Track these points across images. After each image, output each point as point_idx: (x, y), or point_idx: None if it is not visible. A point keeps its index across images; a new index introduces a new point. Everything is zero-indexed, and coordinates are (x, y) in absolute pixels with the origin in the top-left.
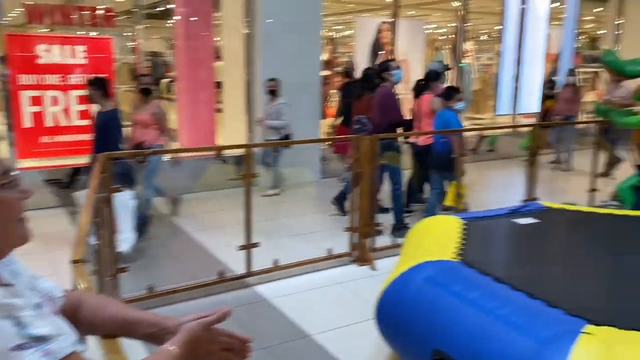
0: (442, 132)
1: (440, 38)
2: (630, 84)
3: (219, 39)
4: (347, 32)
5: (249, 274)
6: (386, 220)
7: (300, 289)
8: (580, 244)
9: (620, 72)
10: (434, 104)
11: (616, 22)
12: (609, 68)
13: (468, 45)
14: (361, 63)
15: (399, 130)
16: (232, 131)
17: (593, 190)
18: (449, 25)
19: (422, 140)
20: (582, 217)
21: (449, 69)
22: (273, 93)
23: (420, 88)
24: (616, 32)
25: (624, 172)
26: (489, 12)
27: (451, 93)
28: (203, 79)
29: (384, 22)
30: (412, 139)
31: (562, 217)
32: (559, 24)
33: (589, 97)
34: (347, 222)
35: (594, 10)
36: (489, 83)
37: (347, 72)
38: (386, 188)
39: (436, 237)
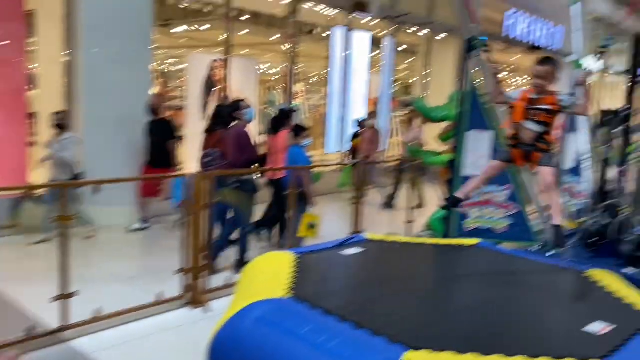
0: (293, 167)
1: (272, 78)
2: (420, 128)
3: (35, 66)
4: (180, 67)
5: (65, 327)
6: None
7: (126, 340)
8: (399, 272)
9: (428, 117)
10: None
11: (424, 72)
12: (419, 113)
13: (299, 87)
14: (194, 98)
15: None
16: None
17: (410, 222)
18: (280, 66)
19: (276, 174)
20: (400, 246)
21: (296, 110)
22: (61, 127)
23: (274, 126)
24: (424, 80)
25: (435, 205)
26: (317, 56)
27: (299, 131)
28: (13, 109)
29: (216, 60)
30: (267, 174)
31: (383, 247)
32: (378, 71)
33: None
34: (184, 263)
35: (407, 61)
36: (319, 122)
37: (153, 110)
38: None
39: (269, 275)
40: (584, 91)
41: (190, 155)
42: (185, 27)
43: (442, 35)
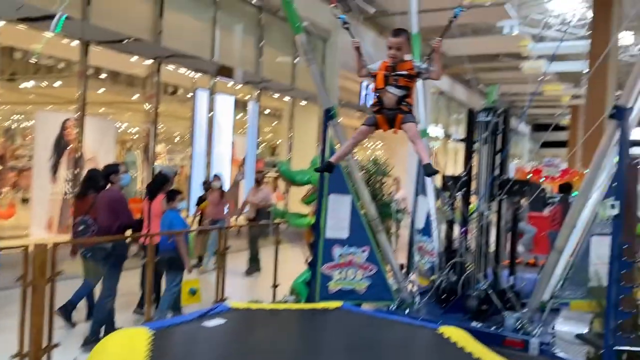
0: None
1: (133, 137)
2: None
3: None
4: (27, 124)
5: None
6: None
7: None
8: (263, 340)
9: (291, 181)
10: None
11: (289, 135)
12: (283, 177)
13: (160, 147)
14: (42, 158)
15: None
16: None
17: (275, 286)
18: (141, 125)
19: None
20: (265, 314)
21: (177, 173)
22: None
23: (152, 190)
24: (289, 142)
25: (300, 268)
26: (181, 116)
27: (173, 195)
28: None
29: (69, 118)
30: (143, 240)
31: (247, 316)
32: (243, 132)
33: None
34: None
35: (273, 124)
36: (182, 184)
37: None
38: None
39: (119, 356)
40: (437, 58)
41: (37, 221)
42: (33, 83)
43: (304, 102)
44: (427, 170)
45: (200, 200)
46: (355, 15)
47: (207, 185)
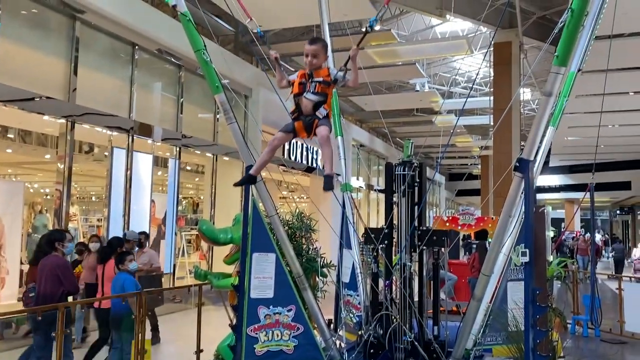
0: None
1: (45, 197)
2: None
3: None
4: None
5: None
6: None
7: None
8: None
9: (214, 240)
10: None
11: (212, 191)
12: (204, 236)
13: (74, 209)
14: None
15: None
16: None
17: (199, 351)
18: (54, 187)
19: (104, 304)
20: None
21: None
22: None
23: (105, 254)
24: (212, 199)
25: (225, 331)
26: (96, 175)
27: (123, 257)
28: None
29: None
30: (95, 304)
31: None
32: (163, 190)
33: (193, 257)
34: None
35: (195, 180)
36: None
37: None
38: None
39: None
40: (354, 66)
41: None
42: None
43: (227, 158)
44: (325, 183)
45: (74, 264)
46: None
47: (82, 246)
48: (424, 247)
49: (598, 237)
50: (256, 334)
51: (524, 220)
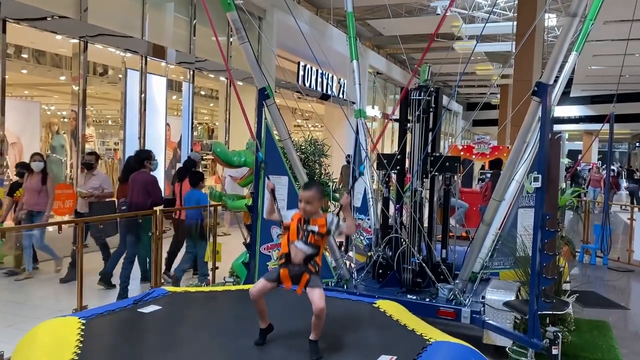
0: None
1: (62, 120)
2: (105, 174)
3: None
4: None
5: None
6: None
7: None
8: (202, 323)
9: (228, 162)
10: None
11: (226, 117)
12: (219, 158)
13: (90, 131)
14: None
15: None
16: None
17: (215, 268)
18: (70, 108)
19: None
20: (203, 297)
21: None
22: None
23: (182, 173)
24: (226, 124)
25: (239, 249)
26: (111, 98)
27: (197, 177)
28: None
29: None
30: (176, 214)
31: (185, 299)
32: (178, 115)
33: (209, 181)
34: None
35: (211, 105)
36: (115, 169)
37: None
38: None
39: (47, 349)
40: (348, 213)
41: None
42: None
43: (241, 83)
44: (312, 348)
45: (14, 187)
46: None
47: (22, 168)
48: (436, 174)
49: (613, 168)
50: (269, 252)
51: (539, 146)
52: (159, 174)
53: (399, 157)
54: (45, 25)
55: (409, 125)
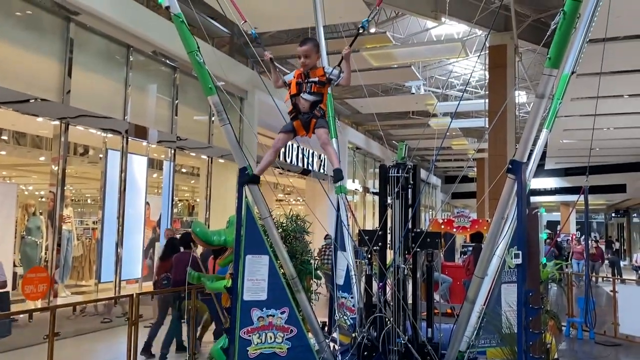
0: None
1: (40, 200)
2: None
3: None
4: None
5: None
6: None
7: None
8: None
9: (207, 242)
10: None
11: (207, 194)
12: (198, 238)
13: (68, 211)
14: None
15: None
16: None
17: (194, 354)
18: (48, 189)
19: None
20: None
21: None
22: None
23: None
24: (207, 201)
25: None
26: (90, 177)
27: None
28: None
29: None
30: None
31: None
32: (158, 192)
33: None
34: None
35: (191, 182)
36: (92, 249)
37: None
38: None
39: None
40: (347, 65)
41: None
42: None
43: (222, 160)
44: (336, 175)
45: None
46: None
47: None
48: (418, 249)
49: (597, 239)
50: (249, 336)
51: (517, 222)
52: (138, 254)
53: (380, 232)
54: (27, 108)
55: (389, 201)
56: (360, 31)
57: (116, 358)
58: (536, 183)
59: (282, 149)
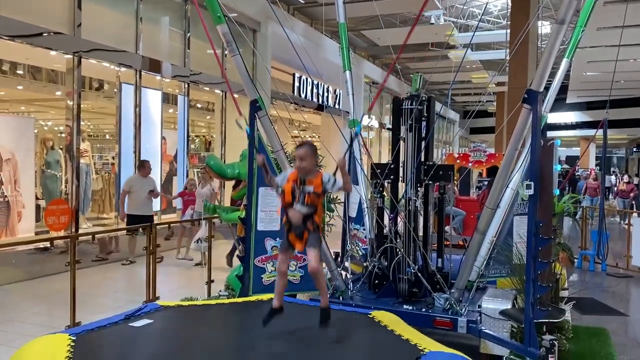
0: None
1: (59, 136)
2: None
3: None
4: None
5: None
6: None
7: None
8: (195, 336)
9: (221, 174)
10: None
11: (222, 129)
12: (212, 171)
13: (85, 145)
14: None
15: None
16: None
17: (210, 282)
18: (65, 124)
19: None
20: (195, 310)
21: None
22: None
23: None
24: (222, 136)
25: (236, 262)
26: (106, 112)
27: None
28: None
29: None
30: None
31: (178, 314)
32: (175, 128)
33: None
34: None
35: (207, 117)
36: (112, 183)
37: None
38: None
39: None
40: (343, 173)
41: None
42: None
43: (236, 95)
44: (321, 317)
45: None
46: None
47: None
48: (430, 182)
49: (612, 178)
50: (263, 264)
51: (531, 153)
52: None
53: (392, 166)
54: (40, 42)
55: (402, 134)
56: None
57: (138, 285)
58: (557, 117)
59: (296, 84)
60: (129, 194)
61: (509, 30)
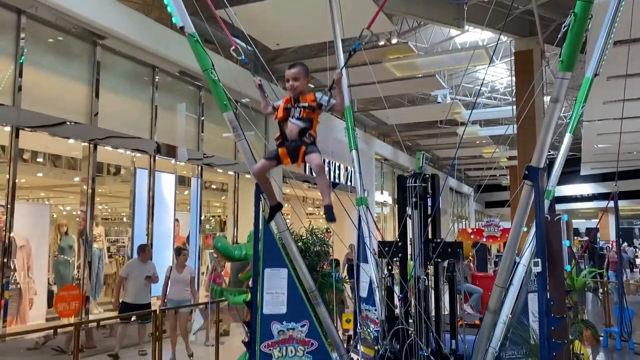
0: None
1: (73, 221)
2: None
3: None
4: None
5: None
6: None
7: None
8: None
9: (229, 256)
10: None
11: (234, 209)
12: (219, 252)
13: (98, 230)
14: None
15: None
16: None
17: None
18: (79, 209)
19: None
20: None
21: None
22: None
23: None
24: (234, 217)
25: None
26: (123, 196)
27: None
28: None
29: None
30: None
31: None
32: (189, 209)
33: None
34: None
35: (222, 198)
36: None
37: None
38: None
39: None
40: (339, 90)
41: None
42: None
43: (248, 176)
44: (326, 214)
45: None
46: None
47: None
48: (438, 260)
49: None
50: (270, 350)
51: (535, 229)
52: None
53: (399, 243)
54: (57, 131)
55: (408, 211)
56: (352, 53)
57: None
58: (572, 189)
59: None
60: (125, 279)
61: (514, 107)
